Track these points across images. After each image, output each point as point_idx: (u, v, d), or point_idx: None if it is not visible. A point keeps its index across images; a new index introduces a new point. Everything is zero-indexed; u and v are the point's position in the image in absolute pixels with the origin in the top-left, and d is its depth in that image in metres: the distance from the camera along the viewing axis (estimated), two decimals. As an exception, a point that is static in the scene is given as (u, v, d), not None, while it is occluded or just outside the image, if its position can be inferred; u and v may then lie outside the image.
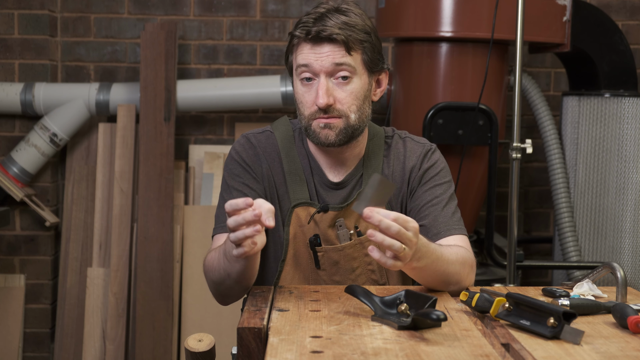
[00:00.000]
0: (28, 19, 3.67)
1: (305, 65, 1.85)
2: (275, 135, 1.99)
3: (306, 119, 1.88)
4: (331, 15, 1.85)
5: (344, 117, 1.87)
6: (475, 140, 3.08)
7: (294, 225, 1.92)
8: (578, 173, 3.35)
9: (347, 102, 1.86)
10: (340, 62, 1.84)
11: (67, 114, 3.62)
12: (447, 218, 1.90)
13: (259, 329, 1.45)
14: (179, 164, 3.78)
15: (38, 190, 3.71)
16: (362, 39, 1.86)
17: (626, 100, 3.27)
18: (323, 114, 1.86)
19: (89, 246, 3.70)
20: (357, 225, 1.93)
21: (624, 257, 3.30)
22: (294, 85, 1.93)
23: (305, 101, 1.88)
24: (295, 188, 1.93)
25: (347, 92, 1.86)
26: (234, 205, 1.56)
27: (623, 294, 1.73)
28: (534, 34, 3.12)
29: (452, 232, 1.89)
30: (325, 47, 1.84)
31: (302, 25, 1.85)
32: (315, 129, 1.87)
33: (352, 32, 1.84)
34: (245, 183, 1.93)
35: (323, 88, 1.84)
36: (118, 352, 3.59)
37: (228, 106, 3.68)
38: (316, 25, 1.83)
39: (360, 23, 1.87)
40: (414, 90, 3.23)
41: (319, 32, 1.82)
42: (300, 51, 1.87)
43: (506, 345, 1.41)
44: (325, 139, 1.87)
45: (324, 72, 1.84)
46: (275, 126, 2.01)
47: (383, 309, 1.55)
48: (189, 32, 3.83)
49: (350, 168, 1.96)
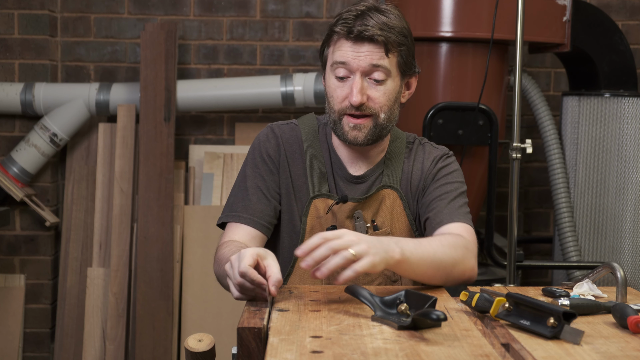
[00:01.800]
0: (28, 19, 3.67)
1: (342, 63, 1.87)
2: (300, 128, 2.01)
3: (336, 113, 1.90)
4: (372, 14, 1.86)
5: (374, 116, 1.89)
6: (475, 140, 3.08)
7: (312, 217, 1.94)
8: (578, 173, 3.35)
9: (380, 101, 1.88)
10: (378, 63, 1.86)
11: (67, 114, 3.62)
12: (452, 210, 1.91)
13: (259, 329, 1.45)
14: (179, 164, 3.78)
15: (38, 190, 3.71)
16: (400, 41, 1.88)
17: (626, 100, 3.27)
18: (354, 111, 1.88)
19: (89, 246, 3.70)
20: (374, 220, 1.95)
21: (624, 257, 3.30)
22: (325, 78, 1.94)
23: (337, 96, 1.89)
24: (315, 180, 1.96)
25: (381, 92, 1.88)
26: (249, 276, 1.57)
27: (623, 294, 1.73)
28: (534, 34, 3.12)
29: (453, 220, 1.88)
30: (364, 46, 1.85)
31: (343, 22, 1.86)
32: (345, 127, 1.90)
33: (391, 34, 1.86)
34: (261, 174, 1.96)
35: (358, 86, 1.86)
36: (118, 352, 3.59)
37: (228, 106, 3.68)
38: (357, 23, 1.84)
39: (399, 25, 1.88)
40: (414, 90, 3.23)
41: (361, 32, 1.84)
42: (338, 47, 1.88)
43: (506, 345, 1.41)
44: (354, 139, 1.90)
45: (361, 70, 1.86)
46: (302, 120, 2.04)
47: (383, 309, 1.55)
48: (189, 32, 3.83)
49: (372, 164, 1.99)
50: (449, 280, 1.79)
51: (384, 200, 1.97)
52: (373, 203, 1.96)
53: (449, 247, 1.77)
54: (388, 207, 1.97)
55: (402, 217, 1.97)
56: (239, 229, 1.93)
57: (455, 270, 1.78)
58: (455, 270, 1.78)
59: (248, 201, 1.94)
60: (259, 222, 1.93)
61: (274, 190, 1.97)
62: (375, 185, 1.97)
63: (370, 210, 1.96)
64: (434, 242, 1.76)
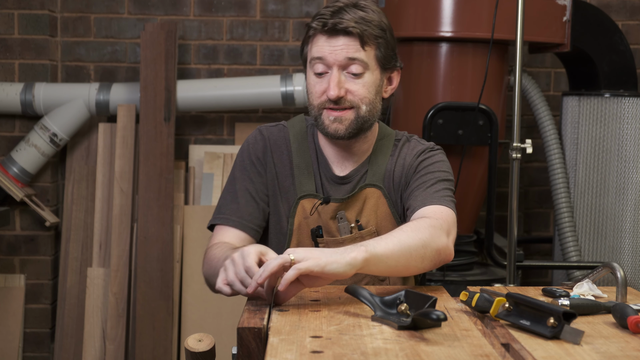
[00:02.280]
0: (28, 19, 3.67)
1: (319, 58, 1.87)
2: (288, 130, 2.01)
3: (316, 108, 1.91)
4: (349, 9, 1.87)
5: (355, 108, 1.89)
6: (475, 140, 3.08)
7: (299, 216, 1.94)
8: (578, 173, 3.35)
9: (359, 93, 1.88)
10: (354, 56, 1.86)
11: (67, 114, 3.62)
12: (427, 195, 1.88)
13: (259, 329, 1.45)
14: (179, 164, 3.78)
15: (38, 190, 3.71)
16: (377, 34, 1.88)
17: (626, 100, 3.27)
18: (333, 105, 1.88)
19: (89, 246, 3.70)
20: (358, 219, 1.94)
21: (624, 257, 3.30)
22: (307, 76, 1.94)
23: (315, 91, 1.90)
24: (303, 180, 1.96)
25: (360, 84, 1.88)
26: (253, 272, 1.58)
27: (623, 294, 1.73)
28: (534, 34, 3.12)
29: (425, 204, 1.85)
30: (340, 39, 1.86)
31: (319, 17, 1.88)
32: (325, 120, 1.90)
33: (367, 27, 1.86)
34: (249, 177, 1.97)
35: (335, 80, 1.86)
36: (118, 352, 3.59)
37: (228, 106, 3.68)
38: (333, 17, 1.85)
39: (376, 19, 1.89)
40: (414, 90, 3.23)
41: (335, 25, 1.84)
42: (315, 43, 1.89)
43: (506, 345, 1.41)
44: (334, 132, 1.90)
45: (337, 64, 1.86)
46: (291, 122, 2.04)
47: (383, 309, 1.55)
48: (189, 32, 3.83)
49: (356, 164, 1.98)
50: (426, 264, 1.73)
51: (367, 200, 1.95)
52: (356, 203, 1.95)
53: (412, 231, 1.72)
54: (372, 206, 1.95)
55: (388, 216, 1.95)
56: (228, 232, 1.94)
57: (428, 252, 1.72)
58: (428, 252, 1.72)
59: (237, 204, 1.96)
60: (248, 225, 1.95)
61: (263, 193, 1.97)
62: (359, 185, 1.96)
63: (354, 210, 1.95)
64: (396, 232, 1.73)
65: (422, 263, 1.73)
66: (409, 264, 1.70)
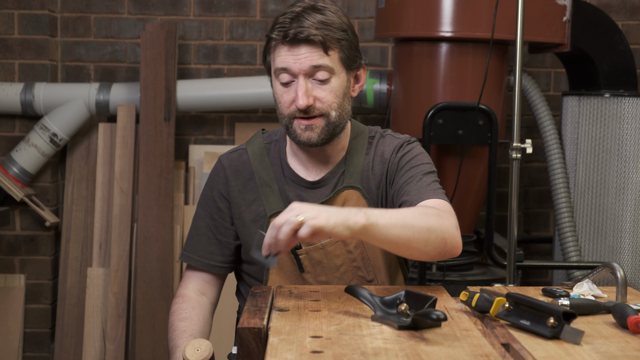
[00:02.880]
0: (28, 19, 3.67)
1: (283, 69, 1.85)
2: (247, 152, 2.00)
3: (286, 118, 1.89)
4: (307, 14, 1.84)
5: (325, 116, 1.87)
6: (475, 140, 3.08)
7: None
8: (578, 173, 3.35)
9: (327, 100, 1.86)
10: (318, 64, 1.84)
11: (67, 114, 3.62)
12: (420, 189, 1.87)
13: (259, 329, 1.45)
14: (179, 164, 3.78)
15: (38, 190, 3.71)
16: (339, 37, 1.86)
17: (626, 100, 3.27)
18: (303, 114, 1.86)
19: (89, 246, 3.71)
20: None
21: (624, 257, 3.30)
22: (272, 85, 1.93)
23: (284, 101, 1.88)
24: (270, 199, 1.94)
25: (327, 90, 1.86)
26: None
27: (623, 294, 1.73)
28: (534, 34, 3.12)
29: (422, 198, 1.83)
30: (302, 48, 1.83)
31: (279, 27, 1.84)
32: (297, 130, 1.88)
33: (329, 31, 1.84)
34: (210, 214, 2.00)
35: (302, 89, 1.84)
36: (118, 352, 3.59)
37: (228, 106, 3.68)
38: (293, 25, 1.82)
39: (337, 21, 1.86)
40: (414, 90, 3.23)
41: (296, 34, 1.82)
42: (278, 53, 1.86)
43: (506, 345, 1.41)
44: (307, 140, 1.88)
45: (303, 73, 1.84)
46: (249, 142, 2.03)
47: (383, 309, 1.55)
48: (189, 32, 3.83)
49: (332, 165, 1.96)
50: (429, 249, 1.70)
51: (347, 202, 1.93)
52: (335, 205, 1.91)
53: (419, 214, 1.71)
54: None
55: None
56: (194, 276, 2.03)
57: (433, 237, 1.69)
58: (433, 237, 1.69)
59: (199, 242, 1.99)
60: (209, 264, 2.00)
61: (224, 228, 1.98)
62: (337, 188, 1.94)
63: None
64: (402, 210, 1.72)
65: (426, 247, 1.69)
66: (410, 244, 1.67)
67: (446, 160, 3.15)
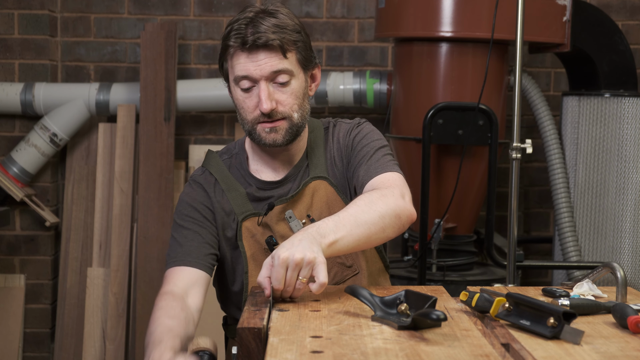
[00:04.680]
0: (28, 19, 3.67)
1: (244, 77, 1.86)
2: (208, 171, 2.00)
3: (250, 123, 1.90)
4: (261, 19, 1.84)
5: (288, 118, 1.89)
6: (475, 140, 3.08)
7: (246, 238, 1.94)
8: (578, 173, 3.35)
9: (288, 103, 1.88)
10: (278, 68, 1.85)
11: (67, 114, 3.62)
12: (369, 166, 1.91)
13: (259, 329, 1.45)
14: (179, 164, 3.78)
15: (38, 190, 3.71)
16: (295, 39, 1.87)
17: (626, 100, 3.27)
18: (267, 119, 1.87)
19: (89, 246, 3.71)
20: (309, 214, 1.95)
21: (624, 257, 3.30)
22: (232, 91, 1.94)
23: (247, 107, 1.89)
24: (239, 204, 1.95)
25: (287, 93, 1.88)
26: None
27: (623, 294, 1.73)
28: (534, 34, 3.12)
29: (371, 176, 1.88)
30: (261, 54, 1.84)
31: (235, 34, 1.85)
32: (261, 133, 1.89)
33: (284, 34, 1.85)
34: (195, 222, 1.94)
35: (265, 94, 1.85)
36: (118, 352, 3.59)
37: (228, 106, 3.68)
38: (249, 31, 1.83)
39: (290, 23, 1.87)
40: (414, 90, 3.23)
41: (255, 40, 1.82)
42: (236, 61, 1.87)
43: (506, 345, 1.41)
44: (273, 142, 1.90)
45: (264, 78, 1.85)
46: (206, 164, 2.03)
47: (383, 309, 1.55)
48: (189, 32, 3.83)
49: (295, 161, 1.99)
50: (388, 232, 1.78)
51: (316, 193, 1.96)
52: (304, 199, 1.95)
53: (366, 205, 1.76)
54: (322, 198, 1.96)
55: (338, 203, 1.95)
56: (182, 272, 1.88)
57: (387, 221, 1.76)
58: (387, 220, 1.76)
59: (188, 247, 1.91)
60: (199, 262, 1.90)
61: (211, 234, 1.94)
62: (303, 180, 1.97)
63: (303, 206, 1.95)
64: (351, 209, 1.76)
65: (384, 233, 1.77)
66: (370, 239, 1.75)
67: (446, 160, 3.15)
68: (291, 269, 1.61)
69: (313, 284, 1.62)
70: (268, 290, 1.62)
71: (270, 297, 1.63)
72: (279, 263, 1.61)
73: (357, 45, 3.85)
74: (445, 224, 3.12)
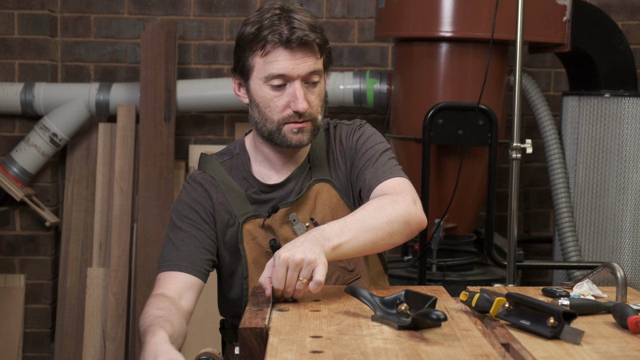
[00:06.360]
0: (28, 19, 3.67)
1: (280, 75, 1.81)
2: (206, 172, 1.96)
3: (276, 123, 1.85)
4: (294, 17, 1.80)
5: (313, 120, 1.87)
6: (475, 140, 3.08)
7: (247, 240, 1.91)
8: (578, 173, 3.35)
9: (316, 104, 1.86)
10: (315, 69, 1.83)
11: (67, 114, 3.62)
12: (376, 171, 1.89)
13: (261, 329, 1.45)
14: (179, 164, 3.78)
15: (38, 190, 3.71)
16: (325, 40, 1.86)
17: (626, 100, 3.27)
18: (297, 119, 1.84)
19: (89, 246, 3.71)
20: (312, 217, 1.93)
21: (624, 257, 3.30)
22: (252, 89, 1.87)
23: (275, 106, 1.84)
24: (239, 205, 1.92)
25: (316, 94, 1.86)
26: None
27: (623, 294, 1.73)
28: (534, 34, 3.12)
29: (379, 180, 1.86)
30: (300, 52, 1.81)
31: (270, 31, 1.79)
32: (287, 134, 1.85)
33: (319, 33, 1.83)
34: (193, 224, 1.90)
35: (301, 94, 1.82)
36: (118, 352, 3.59)
37: (228, 106, 3.68)
38: (286, 28, 1.79)
39: (317, 24, 1.85)
40: (414, 90, 3.23)
41: (299, 38, 1.78)
42: (273, 58, 1.81)
43: (506, 345, 1.41)
44: (298, 142, 1.86)
45: (300, 78, 1.82)
46: (202, 166, 1.98)
47: (383, 309, 1.55)
48: (189, 32, 3.83)
49: (299, 163, 1.96)
50: (396, 239, 1.77)
51: (319, 196, 1.94)
52: (308, 202, 1.93)
53: (375, 210, 1.75)
54: (325, 201, 1.94)
55: (342, 206, 1.93)
56: (175, 277, 1.83)
57: (396, 227, 1.75)
58: (395, 227, 1.75)
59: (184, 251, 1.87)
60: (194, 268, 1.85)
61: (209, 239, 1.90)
62: (306, 182, 1.94)
63: (306, 209, 1.92)
64: (359, 213, 1.74)
65: (392, 239, 1.76)
66: (376, 244, 1.74)
67: (446, 160, 3.16)
68: (291, 269, 1.61)
69: (311, 283, 1.62)
70: (268, 290, 1.62)
71: (270, 298, 1.63)
72: (280, 263, 1.61)
73: (357, 45, 3.85)
74: (445, 224, 3.12)
